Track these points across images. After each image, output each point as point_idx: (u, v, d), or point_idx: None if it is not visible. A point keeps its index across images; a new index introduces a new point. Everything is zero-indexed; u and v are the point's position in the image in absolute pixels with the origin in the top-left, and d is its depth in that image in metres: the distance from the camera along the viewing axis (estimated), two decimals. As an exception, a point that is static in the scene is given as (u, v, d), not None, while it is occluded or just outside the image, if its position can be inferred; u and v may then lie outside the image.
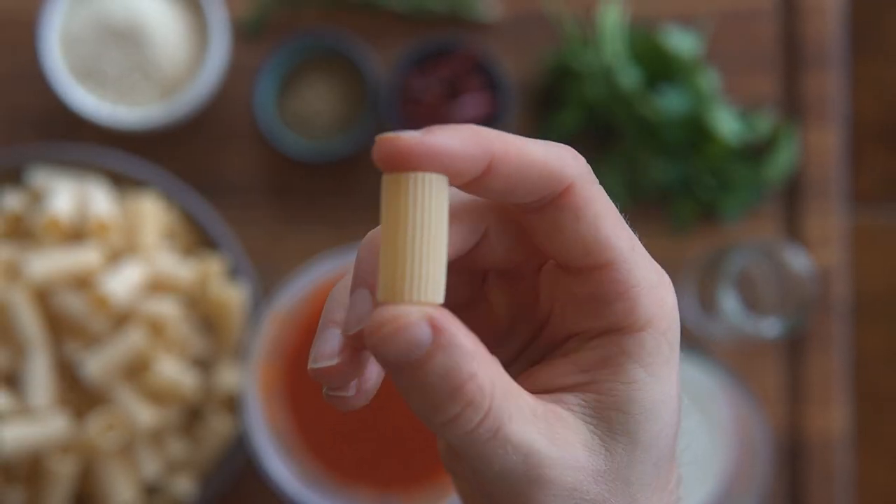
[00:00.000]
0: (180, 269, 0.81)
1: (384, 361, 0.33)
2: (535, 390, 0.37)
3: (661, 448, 0.37)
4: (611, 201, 0.37)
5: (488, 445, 0.34)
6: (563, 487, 0.35)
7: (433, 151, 0.33)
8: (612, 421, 0.36)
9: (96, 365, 0.77)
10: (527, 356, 0.40)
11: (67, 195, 0.80)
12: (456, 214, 0.36)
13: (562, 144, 0.36)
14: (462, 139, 0.33)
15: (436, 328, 0.32)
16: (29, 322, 0.77)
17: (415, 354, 0.32)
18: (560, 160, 0.35)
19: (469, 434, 0.33)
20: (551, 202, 0.36)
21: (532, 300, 0.39)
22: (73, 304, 0.78)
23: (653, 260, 0.37)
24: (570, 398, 0.36)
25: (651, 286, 0.36)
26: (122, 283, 0.78)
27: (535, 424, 0.34)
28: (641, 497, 0.37)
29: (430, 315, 0.32)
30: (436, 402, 0.33)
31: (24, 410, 0.77)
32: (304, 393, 0.80)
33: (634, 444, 0.36)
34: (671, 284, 0.37)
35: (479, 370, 0.33)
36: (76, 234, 0.81)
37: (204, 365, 0.84)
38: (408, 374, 0.33)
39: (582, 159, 0.36)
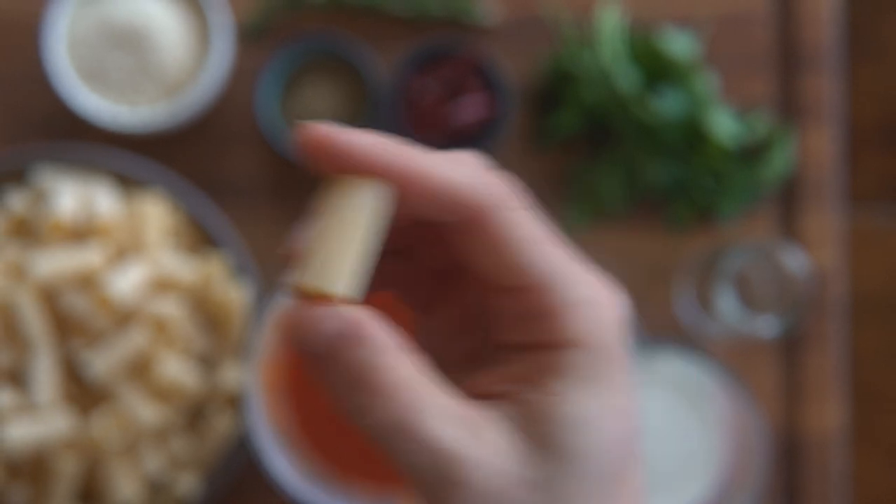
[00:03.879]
0: (183, 268, 0.82)
1: (297, 350, 0.33)
2: (465, 396, 0.35)
3: (601, 463, 0.35)
4: (537, 221, 0.35)
5: (396, 440, 0.33)
6: (486, 491, 0.34)
7: (331, 148, 0.33)
8: (537, 433, 0.34)
9: (101, 364, 0.78)
10: (480, 359, 0.39)
11: (71, 195, 0.81)
12: None
13: (484, 167, 0.35)
14: (370, 146, 0.33)
15: (348, 322, 0.33)
16: (33, 321, 0.78)
17: (323, 345, 0.33)
18: (471, 183, 0.34)
19: (375, 426, 0.33)
20: (466, 228, 0.35)
21: (477, 304, 0.38)
22: (77, 303, 0.79)
23: (596, 277, 0.36)
24: (500, 405, 0.35)
25: (584, 303, 0.35)
26: (126, 282, 0.79)
27: (454, 425, 0.33)
28: None
29: (342, 308, 0.33)
30: (342, 390, 0.33)
31: (28, 408, 0.78)
32: (306, 390, 0.81)
33: (563, 457, 0.34)
34: (616, 301, 0.36)
35: (388, 363, 0.33)
36: (80, 233, 0.82)
37: (207, 363, 0.84)
38: (317, 363, 0.33)
39: (503, 183, 0.35)
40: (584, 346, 0.35)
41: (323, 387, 0.34)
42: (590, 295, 0.35)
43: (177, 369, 0.80)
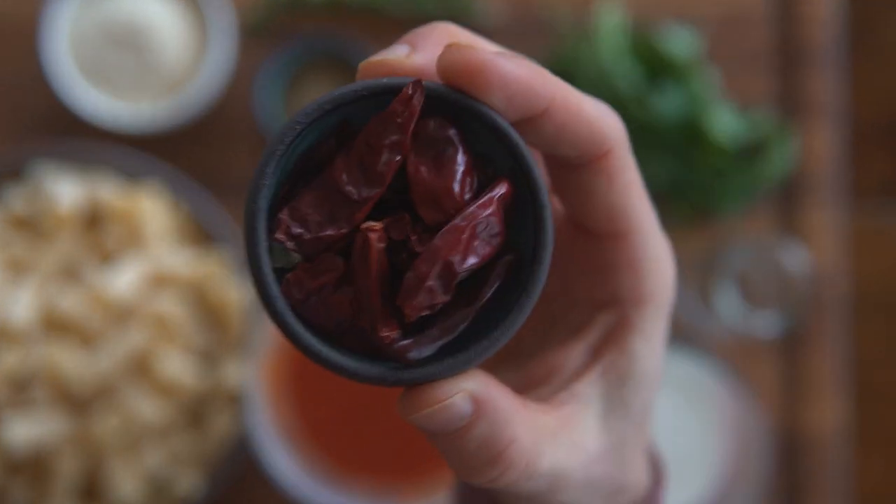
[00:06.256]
0: (183, 265, 0.82)
1: (426, 432, 0.33)
2: (550, 376, 0.37)
3: (644, 412, 0.38)
4: (638, 172, 0.37)
5: (520, 483, 0.34)
6: (581, 484, 0.36)
7: (502, 74, 0.32)
8: (613, 398, 0.37)
9: (100, 364, 0.78)
10: (552, 323, 0.40)
11: (69, 189, 0.82)
12: None
13: (607, 106, 0.36)
14: (530, 72, 0.33)
15: (476, 401, 0.32)
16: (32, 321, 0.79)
17: (455, 426, 0.32)
18: (608, 121, 0.35)
19: (505, 485, 0.34)
20: (589, 162, 0.35)
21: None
22: (74, 302, 0.79)
23: (663, 233, 0.38)
24: (582, 389, 0.36)
25: (659, 260, 0.37)
26: (124, 279, 0.79)
27: (559, 446, 0.35)
28: (630, 456, 0.38)
29: (471, 390, 0.32)
30: (475, 466, 0.33)
31: (27, 403, 0.79)
32: (307, 388, 0.82)
33: (627, 413, 0.37)
34: (673, 258, 0.38)
35: (518, 433, 0.33)
36: (84, 224, 0.83)
37: (207, 360, 0.85)
38: (448, 442, 0.33)
39: (622, 126, 0.36)
40: (654, 302, 0.37)
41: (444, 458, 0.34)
42: (662, 252, 0.37)
43: (177, 366, 0.80)
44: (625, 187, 0.36)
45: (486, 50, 0.32)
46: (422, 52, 0.33)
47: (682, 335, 0.92)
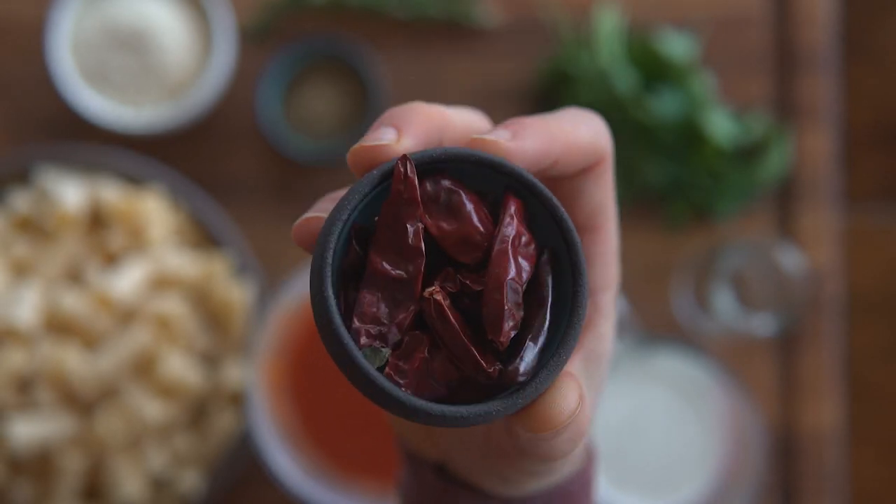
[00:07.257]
0: (186, 266, 0.83)
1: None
2: None
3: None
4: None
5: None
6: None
7: (523, 153, 0.37)
8: (592, 377, 0.40)
9: (103, 365, 0.78)
10: None
11: (74, 190, 0.82)
12: None
13: (595, 115, 0.40)
14: (541, 141, 0.37)
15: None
16: (38, 323, 0.79)
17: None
18: (600, 138, 0.40)
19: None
20: (582, 171, 0.40)
21: None
22: (77, 303, 0.79)
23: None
24: (578, 373, 0.40)
25: (617, 251, 0.41)
26: (127, 281, 0.80)
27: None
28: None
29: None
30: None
31: (32, 405, 0.79)
32: (309, 388, 0.82)
33: (599, 388, 0.41)
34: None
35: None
36: (88, 225, 0.82)
37: (210, 360, 0.85)
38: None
39: (609, 133, 0.40)
40: (614, 287, 0.41)
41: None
42: (617, 238, 0.42)
43: (180, 367, 0.80)
44: (607, 186, 0.41)
45: (503, 135, 0.37)
46: (408, 136, 0.37)
47: (680, 335, 0.92)
